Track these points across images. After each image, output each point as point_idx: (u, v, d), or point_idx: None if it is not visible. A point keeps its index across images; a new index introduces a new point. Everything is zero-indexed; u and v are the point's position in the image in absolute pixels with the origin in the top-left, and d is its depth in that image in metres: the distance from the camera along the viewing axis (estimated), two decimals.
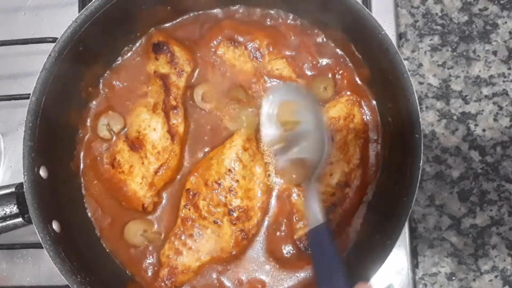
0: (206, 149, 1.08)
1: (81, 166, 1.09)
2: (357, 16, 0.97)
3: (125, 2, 1.00)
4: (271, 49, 1.08)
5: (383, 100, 1.06)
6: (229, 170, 1.04)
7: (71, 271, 0.93)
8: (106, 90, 1.11)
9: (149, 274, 1.06)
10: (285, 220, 1.06)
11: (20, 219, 0.94)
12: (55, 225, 0.95)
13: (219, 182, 1.04)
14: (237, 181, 1.04)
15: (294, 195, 1.06)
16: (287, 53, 1.08)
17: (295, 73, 1.08)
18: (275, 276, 1.05)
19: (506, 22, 1.21)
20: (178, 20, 1.12)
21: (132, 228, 1.06)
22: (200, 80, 1.10)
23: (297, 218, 1.06)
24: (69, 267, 0.93)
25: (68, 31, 0.97)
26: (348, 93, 1.07)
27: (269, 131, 0.96)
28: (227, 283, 1.05)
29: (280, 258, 1.05)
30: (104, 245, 1.07)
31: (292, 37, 1.09)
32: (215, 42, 1.09)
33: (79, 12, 0.99)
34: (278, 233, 1.06)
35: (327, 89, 1.06)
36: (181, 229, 1.04)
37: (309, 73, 1.08)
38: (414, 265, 1.14)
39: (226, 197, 1.04)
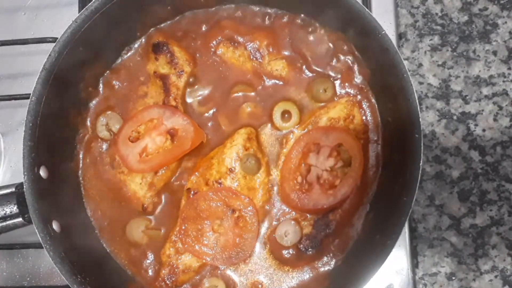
0: (206, 149, 1.08)
1: (81, 166, 1.09)
2: (357, 16, 0.97)
3: (125, 2, 1.00)
4: (270, 50, 1.08)
5: (383, 100, 1.06)
6: (230, 169, 1.04)
7: (71, 271, 0.93)
8: (106, 90, 1.10)
9: (150, 273, 1.06)
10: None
11: (20, 219, 0.95)
12: (55, 225, 0.95)
13: (219, 181, 1.04)
14: (238, 180, 1.04)
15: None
16: (287, 53, 1.08)
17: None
18: (275, 276, 1.05)
19: (506, 22, 1.21)
20: (178, 20, 1.12)
21: (134, 225, 1.06)
22: (199, 79, 1.10)
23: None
24: (69, 267, 0.93)
25: (68, 31, 0.97)
26: (349, 92, 1.07)
27: None
28: (228, 283, 1.05)
29: (280, 258, 1.05)
30: (104, 245, 1.07)
31: (292, 38, 1.08)
32: (214, 42, 1.09)
33: (79, 12, 0.99)
34: None
35: (326, 91, 1.06)
36: None
37: (309, 74, 1.08)
38: (414, 265, 1.14)
39: None
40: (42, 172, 0.96)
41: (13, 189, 0.95)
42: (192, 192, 1.04)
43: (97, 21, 0.98)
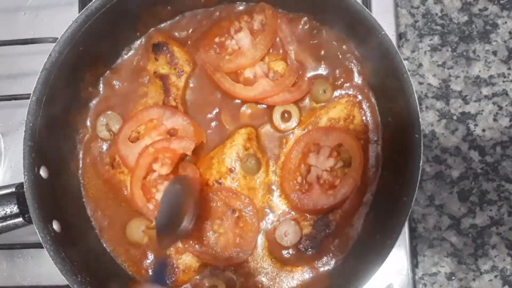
0: (207, 149, 1.08)
1: (81, 166, 1.09)
2: (357, 16, 0.97)
3: (125, 2, 1.00)
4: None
5: (383, 100, 1.06)
6: (230, 169, 1.04)
7: (71, 271, 0.93)
8: (106, 90, 1.10)
9: (150, 273, 1.06)
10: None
11: (20, 219, 0.95)
12: (55, 225, 0.95)
13: (219, 181, 1.04)
14: (238, 180, 1.04)
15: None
16: (287, 54, 1.08)
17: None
18: (275, 276, 1.05)
19: (506, 22, 1.21)
20: (178, 20, 1.12)
21: (134, 225, 1.06)
22: (200, 79, 1.10)
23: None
24: (69, 267, 0.93)
25: (68, 31, 0.97)
26: (349, 92, 1.07)
27: None
28: (228, 283, 1.05)
29: (280, 258, 1.05)
30: (104, 245, 1.07)
31: (292, 38, 1.08)
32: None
33: (79, 12, 0.99)
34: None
35: (326, 92, 1.06)
36: None
37: (308, 74, 1.08)
38: (414, 265, 1.15)
39: None
40: (42, 172, 0.96)
41: (13, 189, 0.95)
42: None
43: (97, 21, 0.98)
